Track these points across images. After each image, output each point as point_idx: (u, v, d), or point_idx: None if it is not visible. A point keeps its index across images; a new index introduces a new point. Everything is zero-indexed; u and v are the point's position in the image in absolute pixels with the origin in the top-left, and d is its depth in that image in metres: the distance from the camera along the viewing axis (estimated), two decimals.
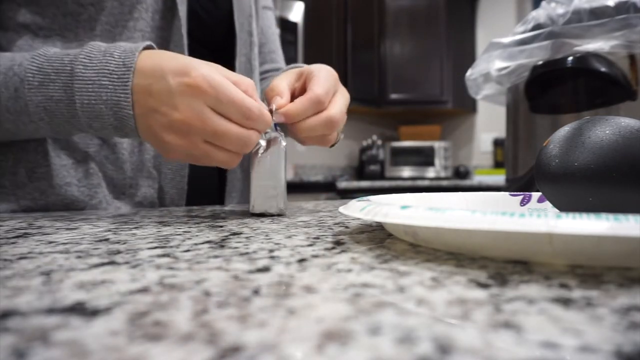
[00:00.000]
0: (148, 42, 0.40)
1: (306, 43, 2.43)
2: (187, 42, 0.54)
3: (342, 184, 2.29)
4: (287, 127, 0.43)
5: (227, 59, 0.63)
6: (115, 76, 0.38)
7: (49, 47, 0.42)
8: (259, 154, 0.41)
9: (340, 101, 0.45)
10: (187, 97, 0.35)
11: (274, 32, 0.74)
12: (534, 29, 0.64)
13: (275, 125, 0.42)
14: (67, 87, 0.39)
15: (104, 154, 0.52)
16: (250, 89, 0.38)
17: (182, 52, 0.53)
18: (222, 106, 0.36)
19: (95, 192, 0.52)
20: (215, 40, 0.63)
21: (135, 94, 0.37)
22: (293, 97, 0.45)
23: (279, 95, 0.43)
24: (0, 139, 0.46)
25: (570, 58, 0.59)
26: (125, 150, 0.53)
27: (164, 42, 0.54)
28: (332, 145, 0.50)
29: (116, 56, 0.38)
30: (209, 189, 0.64)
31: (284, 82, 0.45)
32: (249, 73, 0.64)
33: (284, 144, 0.42)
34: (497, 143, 2.92)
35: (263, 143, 0.41)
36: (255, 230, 0.31)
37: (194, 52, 0.58)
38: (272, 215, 0.42)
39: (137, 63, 0.38)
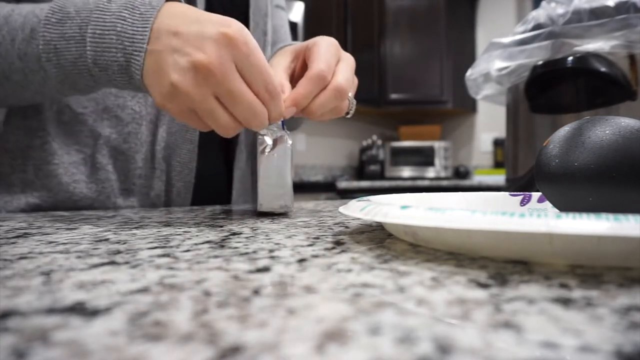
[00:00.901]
0: None
1: None
2: None
3: (342, 184, 2.29)
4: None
5: None
6: (138, 12, 0.36)
7: None
8: (266, 153, 0.41)
9: (344, 68, 0.43)
10: (219, 44, 0.33)
11: (286, 31, 0.74)
12: (534, 29, 0.64)
13: (282, 123, 0.42)
14: (84, 23, 0.37)
15: (114, 144, 0.52)
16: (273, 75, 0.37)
17: None
18: (250, 68, 0.34)
19: (104, 187, 0.52)
20: None
21: (157, 31, 0.35)
22: (293, 78, 0.44)
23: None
24: (8, 100, 0.43)
25: (570, 58, 0.59)
26: (139, 140, 0.53)
27: None
28: (348, 114, 0.48)
29: None
30: (216, 187, 0.64)
31: (279, 70, 0.44)
32: None
33: (290, 142, 0.41)
34: (497, 143, 2.92)
35: (269, 142, 0.41)
36: (255, 230, 0.31)
37: None
38: (279, 214, 0.42)
39: (164, 6, 0.36)
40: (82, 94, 0.42)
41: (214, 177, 0.63)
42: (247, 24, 0.62)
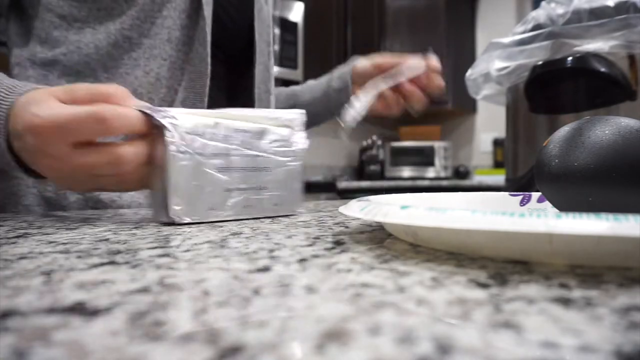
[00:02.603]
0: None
1: (306, 43, 2.42)
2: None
3: (342, 184, 2.29)
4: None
5: (246, 66, 0.64)
6: None
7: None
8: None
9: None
10: (37, 146, 0.33)
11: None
12: (534, 29, 0.64)
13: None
14: None
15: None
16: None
17: (205, 50, 0.54)
18: (83, 135, 0.33)
19: (121, 195, 0.52)
20: (235, 46, 0.64)
21: (13, 137, 0.35)
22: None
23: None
24: None
25: (570, 58, 0.59)
26: None
27: (189, 40, 0.55)
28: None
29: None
30: None
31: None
32: (266, 81, 0.66)
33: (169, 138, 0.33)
34: (497, 143, 2.92)
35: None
36: (255, 230, 0.31)
37: (214, 57, 0.59)
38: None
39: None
40: None
41: None
42: (251, 34, 0.64)
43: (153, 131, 0.34)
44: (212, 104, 0.57)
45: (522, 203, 0.35)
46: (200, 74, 0.55)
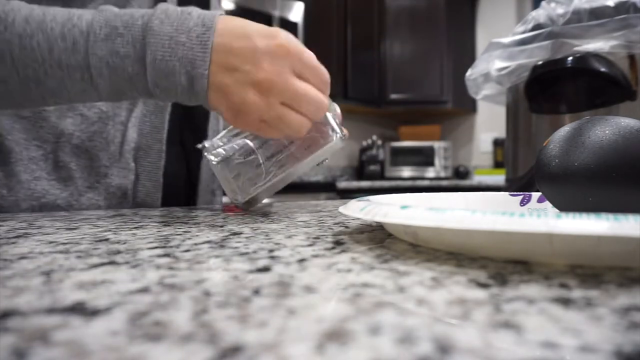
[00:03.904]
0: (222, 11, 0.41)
1: (306, 43, 2.42)
2: None
3: (342, 184, 2.29)
4: None
5: None
6: (194, 34, 0.37)
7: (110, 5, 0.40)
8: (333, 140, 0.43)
9: None
10: (273, 57, 0.37)
11: None
12: (534, 29, 0.64)
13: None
14: (137, 43, 0.37)
15: (77, 142, 0.51)
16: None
17: None
18: (305, 70, 0.38)
19: (66, 184, 0.51)
20: None
21: (215, 52, 0.37)
22: None
23: None
24: (31, 103, 0.41)
25: (570, 58, 0.59)
26: (104, 139, 0.53)
27: None
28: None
29: (195, 16, 0.38)
30: (177, 186, 0.63)
31: None
32: None
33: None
34: (497, 143, 2.92)
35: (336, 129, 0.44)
36: (255, 230, 0.31)
37: None
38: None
39: (216, 24, 0.38)
40: (118, 101, 0.42)
41: (175, 177, 0.62)
42: None
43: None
44: (178, 104, 0.56)
45: (522, 203, 0.35)
46: None
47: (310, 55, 0.39)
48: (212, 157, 0.44)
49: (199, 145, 0.46)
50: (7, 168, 0.48)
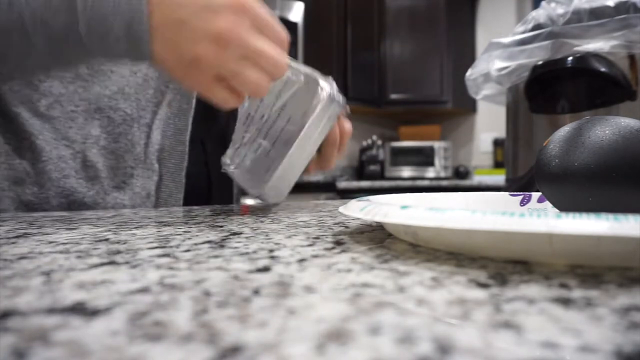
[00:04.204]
0: None
1: (306, 43, 2.43)
2: None
3: (342, 184, 2.29)
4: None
5: None
6: None
7: None
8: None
9: None
10: (229, 11, 0.34)
11: None
12: (534, 29, 0.64)
13: None
14: None
15: (104, 144, 0.53)
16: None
17: None
18: (264, 27, 0.36)
19: (93, 183, 0.52)
20: None
21: (158, 4, 0.34)
22: None
23: None
24: (8, 73, 0.40)
25: (570, 58, 0.59)
26: (129, 141, 0.54)
27: None
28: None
29: None
30: (198, 186, 0.64)
31: None
32: None
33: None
34: (497, 143, 2.92)
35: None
36: (255, 230, 0.31)
37: None
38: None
39: None
40: (68, 68, 0.41)
41: (196, 177, 0.63)
42: None
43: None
44: (201, 106, 0.57)
45: (522, 203, 0.35)
46: None
47: (267, 12, 0.36)
48: (229, 169, 0.46)
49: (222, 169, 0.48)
50: (38, 166, 0.50)
